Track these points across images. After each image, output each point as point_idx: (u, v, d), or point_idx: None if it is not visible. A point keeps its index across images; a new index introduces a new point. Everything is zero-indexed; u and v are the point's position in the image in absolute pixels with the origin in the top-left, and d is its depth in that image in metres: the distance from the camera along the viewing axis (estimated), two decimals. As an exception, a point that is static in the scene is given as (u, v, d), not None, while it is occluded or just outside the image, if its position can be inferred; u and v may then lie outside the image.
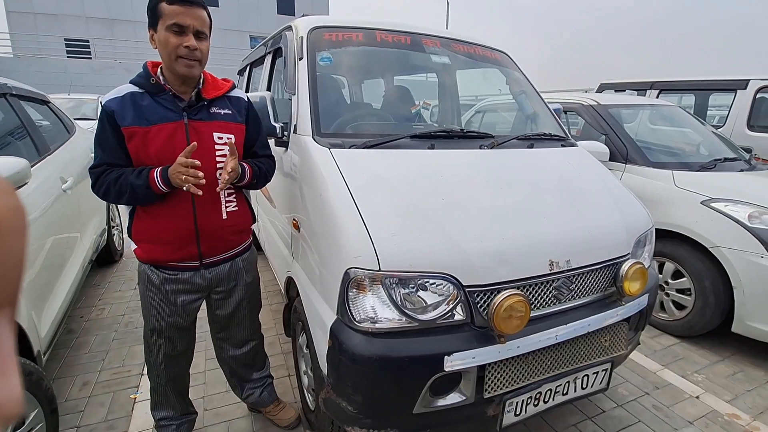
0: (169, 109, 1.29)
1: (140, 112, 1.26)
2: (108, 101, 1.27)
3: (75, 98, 8.37)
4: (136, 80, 1.31)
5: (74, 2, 18.61)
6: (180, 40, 1.22)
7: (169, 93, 1.30)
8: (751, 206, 2.36)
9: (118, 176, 1.26)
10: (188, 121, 1.31)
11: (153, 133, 1.27)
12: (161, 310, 1.45)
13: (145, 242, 1.39)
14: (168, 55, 1.24)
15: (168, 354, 1.53)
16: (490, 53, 2.27)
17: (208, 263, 1.46)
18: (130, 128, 1.25)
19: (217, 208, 1.40)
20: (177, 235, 1.36)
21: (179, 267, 1.42)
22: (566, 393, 1.49)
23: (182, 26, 1.22)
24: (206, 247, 1.41)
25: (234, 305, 1.58)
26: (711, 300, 2.42)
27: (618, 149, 2.98)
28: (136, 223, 1.39)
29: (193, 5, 1.23)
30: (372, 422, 1.29)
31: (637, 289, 1.52)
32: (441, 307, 1.25)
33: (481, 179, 1.54)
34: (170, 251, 1.38)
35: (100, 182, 1.29)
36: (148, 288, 1.44)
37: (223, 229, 1.43)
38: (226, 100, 1.41)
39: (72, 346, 2.46)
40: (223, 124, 1.37)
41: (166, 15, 1.21)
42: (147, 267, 1.43)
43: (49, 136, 2.70)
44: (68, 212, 2.42)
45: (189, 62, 1.25)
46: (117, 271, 3.58)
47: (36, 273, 1.83)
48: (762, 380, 2.26)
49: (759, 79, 4.31)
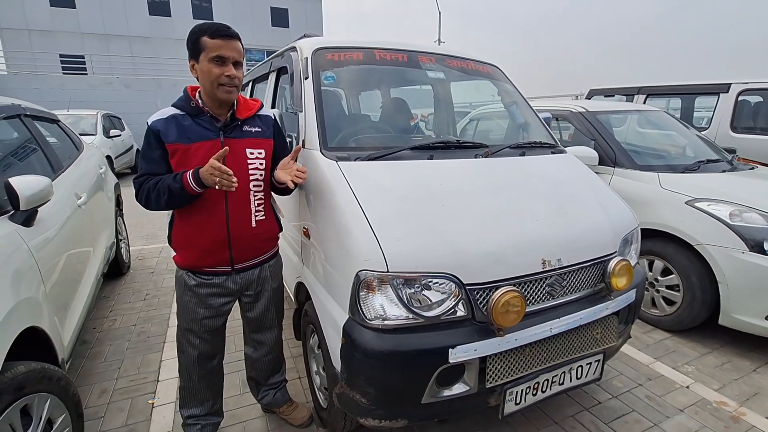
0: (207, 128, 1.45)
1: (183, 132, 1.42)
2: (154, 122, 1.43)
3: (74, 114, 8.46)
4: (177, 104, 1.48)
5: (69, 18, 18.78)
6: (222, 70, 1.37)
7: (207, 115, 1.46)
8: (731, 205, 2.50)
9: (157, 182, 1.41)
10: (224, 139, 1.47)
11: (193, 150, 1.43)
12: (196, 312, 1.59)
13: (183, 249, 1.54)
14: (210, 83, 1.39)
15: (201, 353, 1.66)
16: (482, 67, 2.41)
17: (239, 268, 1.59)
18: (173, 145, 1.42)
19: (247, 217, 1.53)
20: (211, 242, 1.50)
21: (213, 272, 1.56)
22: (562, 383, 1.60)
23: (224, 58, 1.37)
24: (237, 253, 1.55)
25: (261, 309, 1.72)
26: (698, 295, 2.55)
27: (606, 154, 3.13)
28: (175, 231, 1.55)
29: (232, 38, 1.39)
30: (384, 413, 1.40)
31: (624, 284, 1.64)
32: (444, 304, 1.36)
33: (477, 186, 1.67)
34: (205, 256, 1.53)
35: (142, 189, 1.44)
36: (185, 291, 1.58)
37: (253, 237, 1.57)
38: (256, 119, 1.57)
39: (87, 356, 2.54)
40: (254, 141, 1.53)
41: (209, 48, 1.36)
42: (185, 272, 1.57)
43: (61, 154, 2.81)
44: (83, 226, 2.52)
45: (229, 89, 1.41)
46: (125, 283, 3.67)
47: (59, 284, 1.93)
48: (748, 369, 2.38)
49: (740, 82, 4.50)
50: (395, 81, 2.41)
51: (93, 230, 2.75)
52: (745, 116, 4.58)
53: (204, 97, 1.46)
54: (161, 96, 12.80)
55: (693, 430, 1.91)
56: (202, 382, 1.70)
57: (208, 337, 1.64)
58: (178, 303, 1.63)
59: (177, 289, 1.62)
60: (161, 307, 3.18)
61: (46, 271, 1.78)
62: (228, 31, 1.39)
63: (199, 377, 1.69)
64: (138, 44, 20.12)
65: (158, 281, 3.70)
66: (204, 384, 1.71)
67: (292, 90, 1.94)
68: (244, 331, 1.86)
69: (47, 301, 1.75)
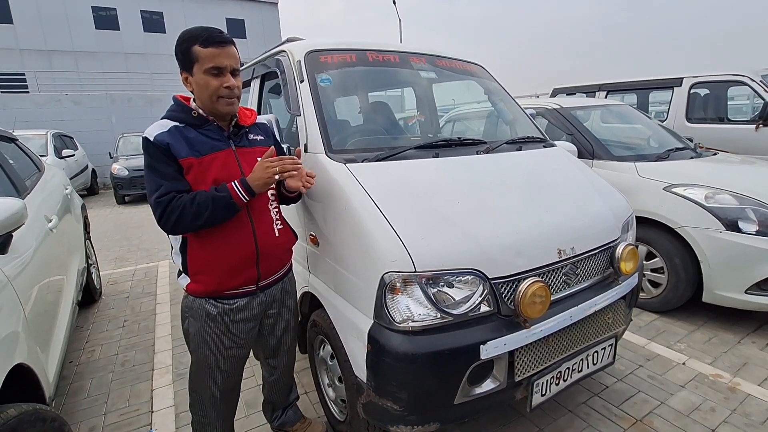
0: (216, 139, 1.34)
1: (191, 145, 1.29)
2: (158, 135, 1.27)
3: (20, 135, 7.85)
4: (172, 115, 1.33)
5: (5, 34, 17.56)
6: (220, 81, 1.26)
7: (214, 123, 1.35)
8: (705, 188, 2.65)
9: (193, 198, 1.24)
10: (236, 149, 1.37)
11: (207, 162, 1.30)
12: (220, 344, 1.43)
13: (203, 273, 1.36)
14: (209, 96, 1.28)
15: (224, 389, 1.50)
16: (468, 66, 2.44)
17: (264, 285, 1.46)
18: (187, 160, 1.27)
19: (270, 227, 1.44)
20: (240, 259, 1.36)
21: (237, 294, 1.41)
22: (581, 370, 1.62)
23: (220, 68, 1.25)
24: (264, 268, 1.43)
25: (282, 329, 1.61)
26: (682, 275, 2.68)
27: (584, 147, 3.25)
28: (191, 256, 1.36)
29: (227, 44, 1.26)
30: (416, 418, 1.36)
31: (632, 268, 1.69)
32: (471, 300, 1.35)
33: (486, 181, 1.67)
34: (231, 277, 1.37)
35: (171, 209, 1.23)
36: (207, 323, 1.40)
37: (277, 247, 1.46)
38: (257, 127, 1.49)
39: (68, 392, 2.33)
40: (262, 149, 1.43)
41: (203, 58, 1.24)
42: (204, 301, 1.39)
43: (24, 175, 2.59)
44: (55, 251, 2.32)
45: (229, 101, 1.30)
46: (99, 310, 3.41)
47: (39, 315, 1.76)
48: (734, 341, 2.52)
49: (691, 76, 4.83)
50: (390, 80, 2.40)
51: (64, 255, 2.54)
52: (697, 108, 4.92)
53: (202, 107, 1.34)
54: (115, 112, 12.13)
55: (697, 404, 1.99)
56: (220, 418, 1.56)
57: (232, 370, 1.49)
58: (197, 337, 1.42)
59: (193, 322, 1.41)
60: (143, 333, 2.98)
61: (25, 301, 1.62)
62: (222, 36, 1.26)
63: (217, 413, 1.54)
64: (85, 59, 19.08)
65: (135, 306, 3.47)
66: (222, 420, 1.57)
67: (287, 94, 1.88)
68: (262, 359, 1.73)
69: (29, 334, 1.58)
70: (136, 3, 20.26)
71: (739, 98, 7.27)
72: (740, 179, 2.76)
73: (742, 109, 7.43)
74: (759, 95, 4.42)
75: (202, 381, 1.48)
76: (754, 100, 6.02)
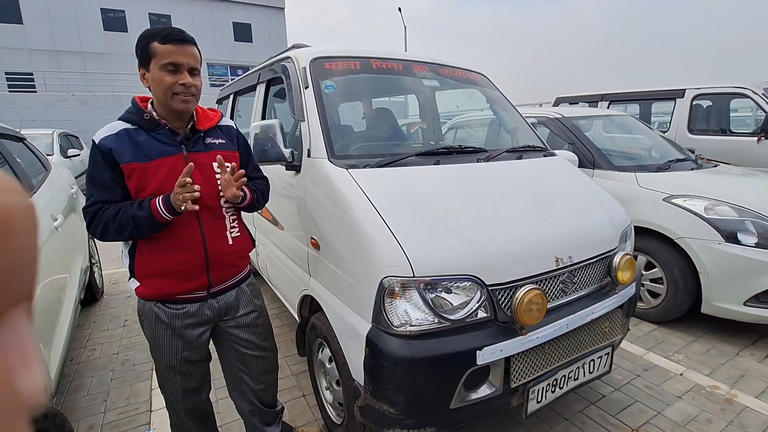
0: (166, 143, 1.30)
1: (138, 149, 1.25)
2: (103, 139, 1.24)
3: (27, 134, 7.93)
4: (126, 117, 1.30)
5: (14, 34, 17.78)
6: (175, 78, 1.23)
7: (166, 127, 1.31)
8: (705, 200, 2.67)
9: (117, 211, 1.22)
10: (187, 153, 1.32)
11: (153, 168, 1.26)
12: (174, 347, 1.41)
13: (151, 278, 1.34)
14: (164, 92, 1.24)
15: (185, 389, 1.49)
16: (471, 75, 2.48)
17: (215, 292, 1.43)
18: (130, 165, 1.24)
19: (223, 234, 1.40)
20: (188, 265, 1.33)
21: (187, 299, 1.39)
22: (577, 378, 1.63)
23: (177, 65, 1.23)
24: (215, 275, 1.40)
25: (250, 333, 1.55)
26: (681, 286, 2.69)
27: (585, 156, 3.27)
28: (138, 260, 1.34)
29: (186, 43, 1.24)
30: (413, 422, 1.37)
31: (629, 277, 1.71)
32: (469, 305, 1.36)
33: (486, 189, 1.70)
34: (180, 283, 1.34)
35: (96, 220, 1.24)
36: (157, 326, 1.39)
37: (230, 255, 1.42)
38: (218, 130, 1.43)
39: (68, 389, 2.35)
40: (220, 153, 1.37)
41: (160, 54, 1.22)
42: (153, 304, 1.37)
43: (30, 174, 2.63)
44: (60, 250, 2.35)
45: (185, 98, 1.26)
46: (100, 309, 3.43)
47: (42, 312, 1.79)
48: (732, 353, 2.52)
49: (693, 88, 4.86)
50: (393, 88, 2.43)
51: (68, 254, 2.57)
52: (699, 119, 4.94)
53: (158, 108, 1.30)
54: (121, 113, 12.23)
55: (693, 415, 1.99)
56: (190, 418, 1.55)
57: (191, 371, 1.47)
58: (151, 340, 1.41)
59: (146, 326, 1.41)
60: (144, 333, 2.99)
61: (30, 298, 1.64)
62: (181, 35, 1.24)
63: (186, 413, 1.53)
64: (92, 60, 19.26)
65: (136, 305, 3.48)
66: (193, 421, 1.56)
67: (291, 100, 1.92)
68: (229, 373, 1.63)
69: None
70: (144, 5, 20.49)
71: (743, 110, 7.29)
72: (740, 191, 2.77)
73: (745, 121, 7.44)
74: (761, 107, 4.44)
75: (163, 384, 1.49)
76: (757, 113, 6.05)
